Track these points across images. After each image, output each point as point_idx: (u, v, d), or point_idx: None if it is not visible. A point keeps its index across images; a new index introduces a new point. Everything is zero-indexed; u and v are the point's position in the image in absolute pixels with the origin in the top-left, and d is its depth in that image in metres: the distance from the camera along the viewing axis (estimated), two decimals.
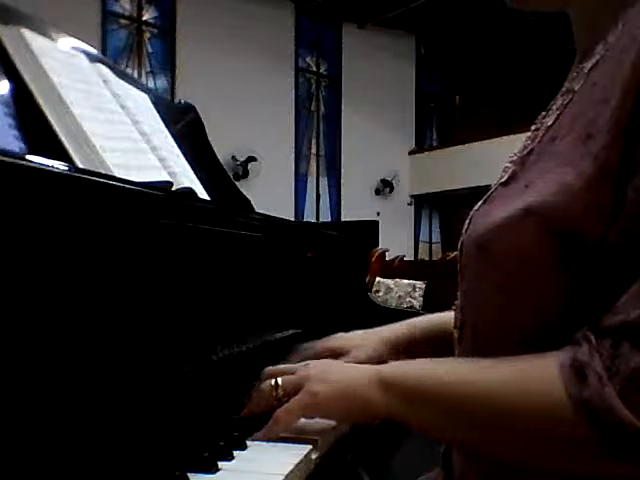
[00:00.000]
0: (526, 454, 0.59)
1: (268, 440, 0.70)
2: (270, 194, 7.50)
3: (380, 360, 0.90)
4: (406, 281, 5.86)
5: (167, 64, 8.72)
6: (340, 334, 0.96)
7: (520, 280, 0.60)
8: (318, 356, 0.92)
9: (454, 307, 0.76)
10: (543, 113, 0.77)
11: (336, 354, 0.90)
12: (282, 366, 0.81)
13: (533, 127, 0.76)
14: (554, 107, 0.67)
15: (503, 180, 0.68)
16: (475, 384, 0.60)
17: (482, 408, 0.59)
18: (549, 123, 0.66)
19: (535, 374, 0.57)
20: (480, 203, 0.70)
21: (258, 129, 8.89)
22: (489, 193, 0.70)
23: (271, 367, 0.80)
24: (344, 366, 0.75)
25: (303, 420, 0.73)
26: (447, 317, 0.96)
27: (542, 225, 0.58)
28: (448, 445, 0.76)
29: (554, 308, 0.59)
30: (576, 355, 0.54)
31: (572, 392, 0.53)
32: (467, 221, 0.71)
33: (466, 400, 0.61)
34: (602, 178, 0.55)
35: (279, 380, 0.73)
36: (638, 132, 0.54)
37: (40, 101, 0.82)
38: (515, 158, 0.70)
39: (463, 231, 0.71)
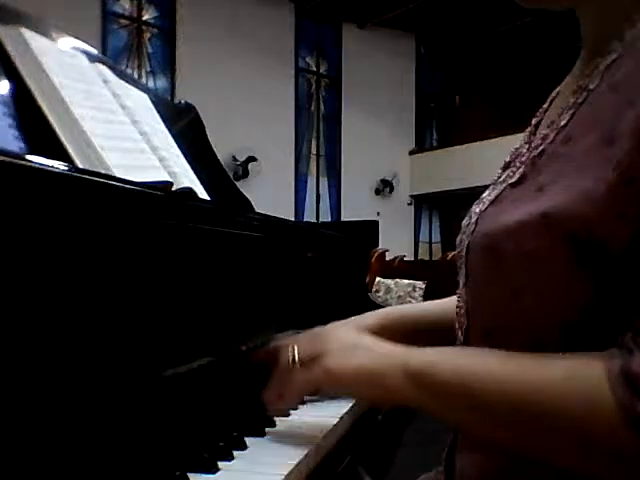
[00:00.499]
0: (562, 458, 0.56)
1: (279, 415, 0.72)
2: (270, 194, 7.51)
3: None
4: (406, 281, 5.86)
5: (167, 64, 8.74)
6: (308, 332, 0.94)
7: (535, 285, 0.58)
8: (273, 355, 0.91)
9: (457, 307, 0.73)
10: (544, 106, 0.76)
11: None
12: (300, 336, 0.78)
13: (534, 121, 0.75)
14: (566, 105, 0.64)
15: (513, 181, 0.66)
16: (512, 381, 0.57)
17: (519, 407, 0.56)
18: (562, 123, 0.63)
19: (579, 377, 0.54)
20: (487, 204, 0.68)
21: (258, 129, 8.91)
22: (498, 193, 0.67)
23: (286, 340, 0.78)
24: (369, 345, 0.70)
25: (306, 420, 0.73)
26: (423, 310, 0.92)
27: (558, 232, 0.56)
28: (451, 446, 0.74)
29: (575, 311, 0.57)
30: (628, 364, 0.51)
31: (624, 403, 0.50)
32: (473, 220, 0.68)
33: (500, 399, 0.57)
34: (626, 184, 0.53)
35: (296, 353, 0.71)
36: None
37: (40, 101, 0.82)
38: (524, 158, 0.67)
39: (468, 231, 0.69)
